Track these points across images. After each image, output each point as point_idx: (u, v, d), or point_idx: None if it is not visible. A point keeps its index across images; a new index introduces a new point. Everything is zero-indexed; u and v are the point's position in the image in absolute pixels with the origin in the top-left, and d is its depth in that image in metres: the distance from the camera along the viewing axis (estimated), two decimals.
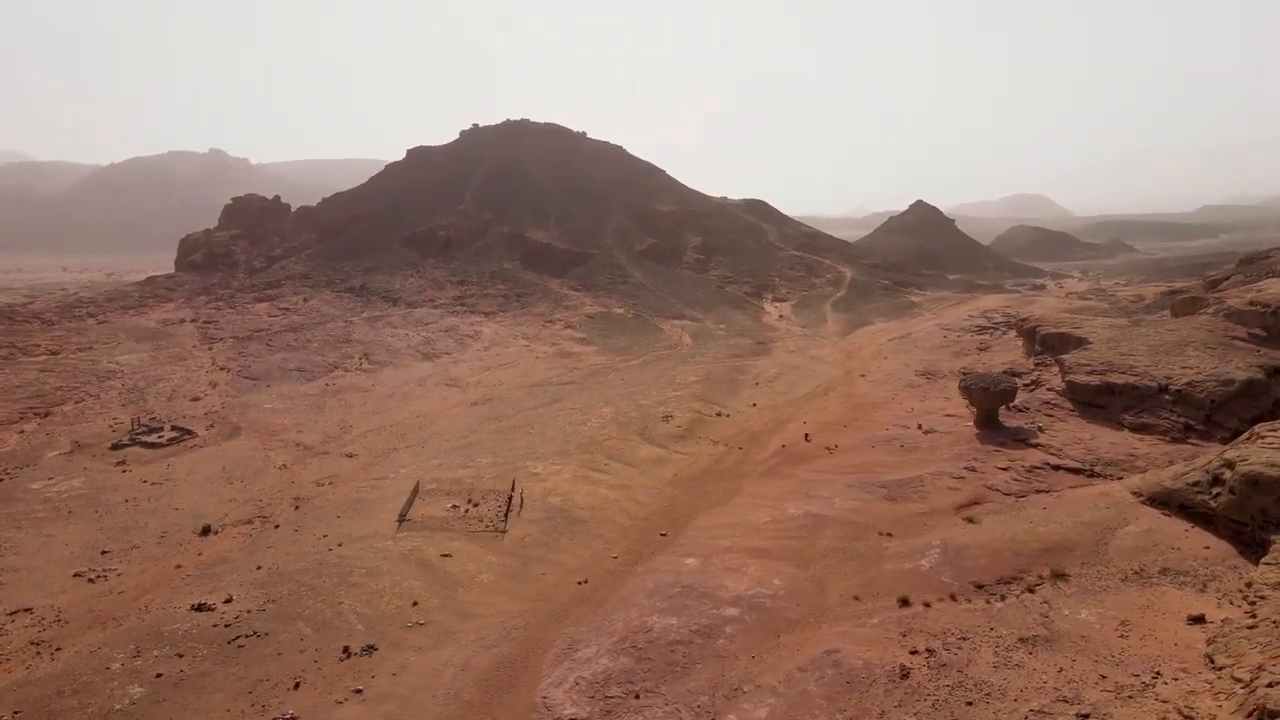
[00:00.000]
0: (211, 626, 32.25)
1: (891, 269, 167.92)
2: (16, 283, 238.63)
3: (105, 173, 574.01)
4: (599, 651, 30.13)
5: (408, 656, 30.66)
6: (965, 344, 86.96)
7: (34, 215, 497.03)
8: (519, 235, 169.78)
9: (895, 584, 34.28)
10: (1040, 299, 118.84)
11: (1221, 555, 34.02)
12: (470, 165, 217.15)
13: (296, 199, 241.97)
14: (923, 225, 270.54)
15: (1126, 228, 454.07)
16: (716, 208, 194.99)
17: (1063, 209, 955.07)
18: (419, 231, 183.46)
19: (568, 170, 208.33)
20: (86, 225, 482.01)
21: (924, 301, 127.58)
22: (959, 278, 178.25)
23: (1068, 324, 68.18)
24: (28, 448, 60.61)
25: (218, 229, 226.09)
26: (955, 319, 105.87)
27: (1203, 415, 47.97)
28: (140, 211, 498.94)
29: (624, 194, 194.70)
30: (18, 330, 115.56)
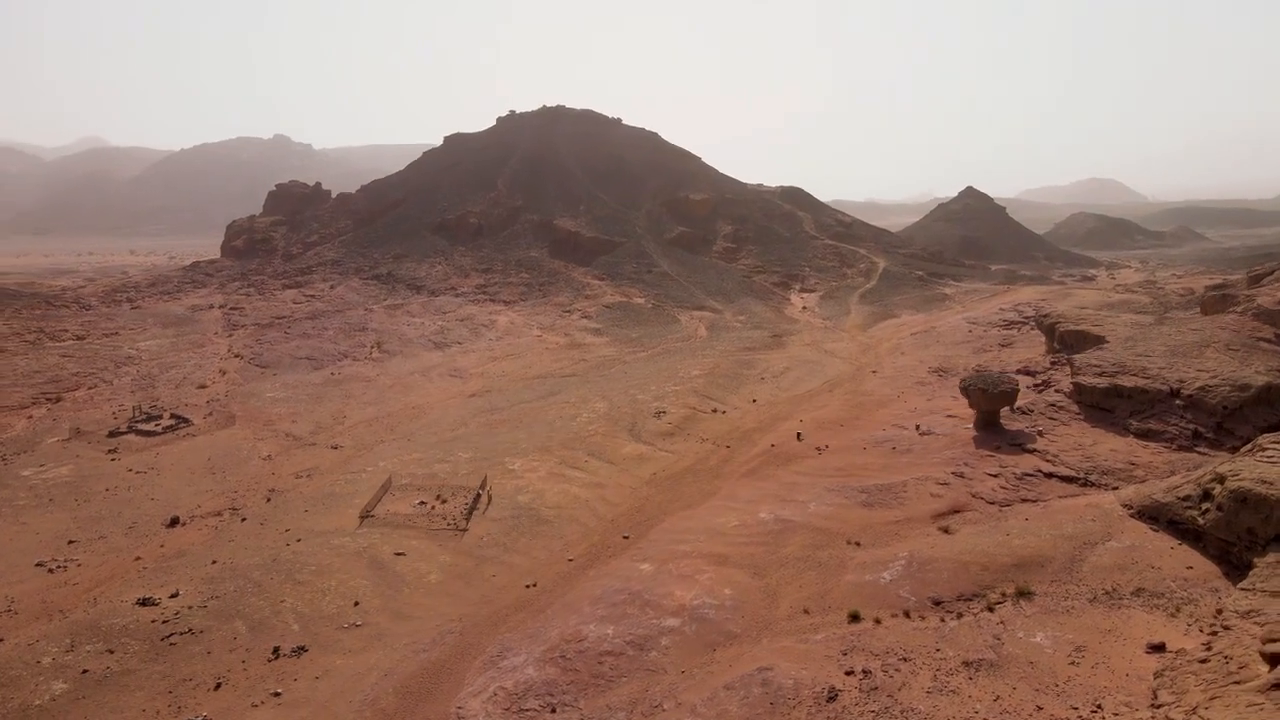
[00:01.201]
0: (150, 622, 32.58)
1: (930, 259, 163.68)
2: (84, 265, 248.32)
3: (175, 158, 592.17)
4: (527, 660, 29.60)
5: (335, 659, 30.55)
6: (988, 340, 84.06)
7: (108, 199, 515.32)
8: (548, 223, 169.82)
9: (850, 597, 33.03)
10: (1079, 292, 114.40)
11: (1204, 576, 32.02)
12: (505, 152, 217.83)
13: (355, 183, 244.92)
14: (971, 213, 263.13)
15: (1201, 214, 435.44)
16: (751, 195, 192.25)
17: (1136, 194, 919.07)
18: (450, 219, 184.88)
19: (601, 157, 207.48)
20: (156, 209, 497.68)
21: (957, 294, 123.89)
22: (1002, 268, 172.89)
23: (1088, 321, 65.29)
24: (31, 433, 62.49)
25: (261, 215, 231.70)
26: (985, 313, 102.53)
27: (1214, 422, 45.34)
28: (206, 196, 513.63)
29: (656, 181, 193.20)
30: (51, 315, 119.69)
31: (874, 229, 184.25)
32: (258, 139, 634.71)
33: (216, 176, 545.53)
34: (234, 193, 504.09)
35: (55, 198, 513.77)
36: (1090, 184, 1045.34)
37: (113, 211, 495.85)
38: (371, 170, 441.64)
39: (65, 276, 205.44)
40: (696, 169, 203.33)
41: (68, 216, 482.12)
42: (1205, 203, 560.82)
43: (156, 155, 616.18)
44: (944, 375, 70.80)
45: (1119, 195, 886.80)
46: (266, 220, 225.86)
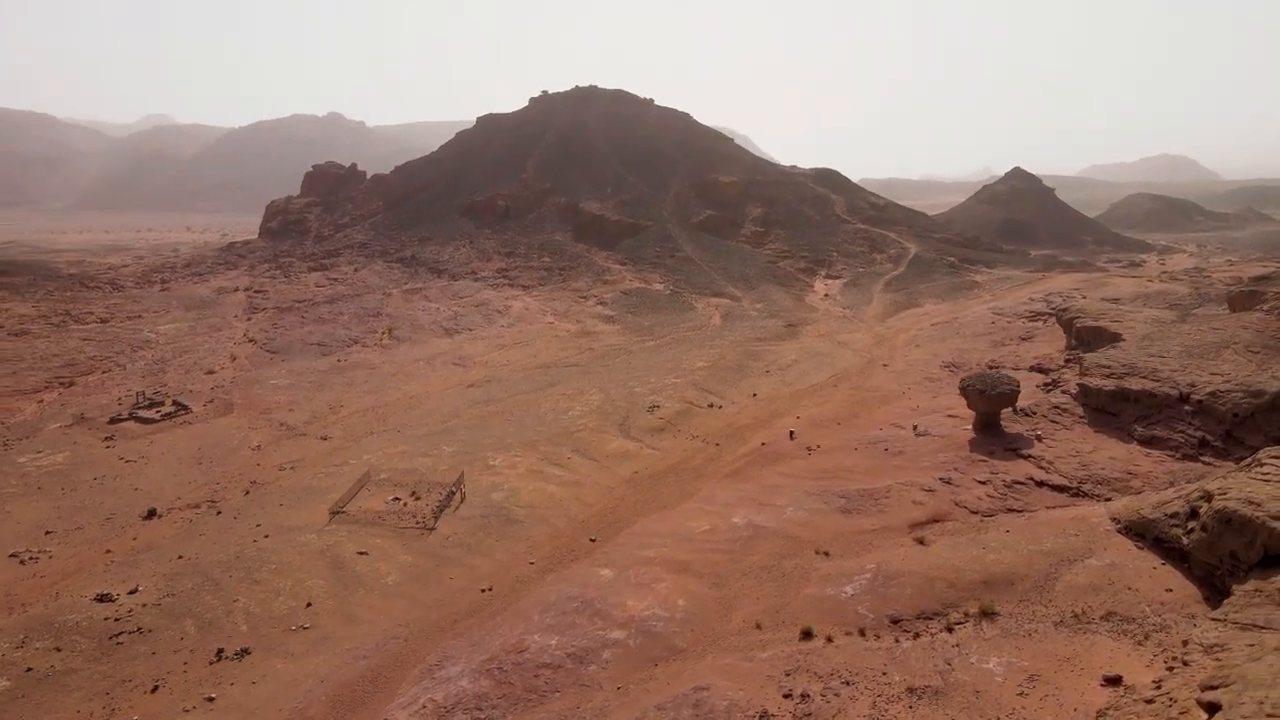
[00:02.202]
0: (102, 620, 33.06)
1: (965, 244, 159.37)
2: (139, 242, 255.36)
3: (233, 135, 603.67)
4: (463, 671, 29.32)
5: (276, 663, 30.64)
6: (1010, 332, 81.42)
7: (170, 176, 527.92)
8: (574, 206, 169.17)
9: (807, 612, 32.09)
10: (1115, 281, 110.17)
11: (1183, 600, 30.40)
12: (536, 133, 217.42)
13: (406, 160, 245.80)
14: (1017, 195, 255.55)
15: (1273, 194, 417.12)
16: (784, 178, 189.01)
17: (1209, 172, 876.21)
18: (478, 201, 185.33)
19: (631, 138, 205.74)
20: (214, 186, 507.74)
21: (987, 281, 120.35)
22: (1043, 254, 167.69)
23: (1108, 316, 62.71)
24: (38, 418, 64.15)
25: (297, 196, 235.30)
26: (1013, 302, 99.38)
27: (1223, 430, 43.10)
28: (262, 173, 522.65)
29: (687, 163, 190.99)
30: (81, 298, 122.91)
31: (909, 212, 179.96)
32: (312, 116, 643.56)
33: (272, 154, 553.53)
34: (288, 170, 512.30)
35: (121, 175, 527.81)
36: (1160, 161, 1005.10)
37: (174, 188, 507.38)
38: (422, 147, 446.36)
39: (117, 254, 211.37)
40: (728, 150, 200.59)
41: (132, 193, 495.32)
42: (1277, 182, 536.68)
43: (216, 133, 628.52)
44: (955, 370, 68.72)
45: (1190, 173, 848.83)
46: (302, 201, 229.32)
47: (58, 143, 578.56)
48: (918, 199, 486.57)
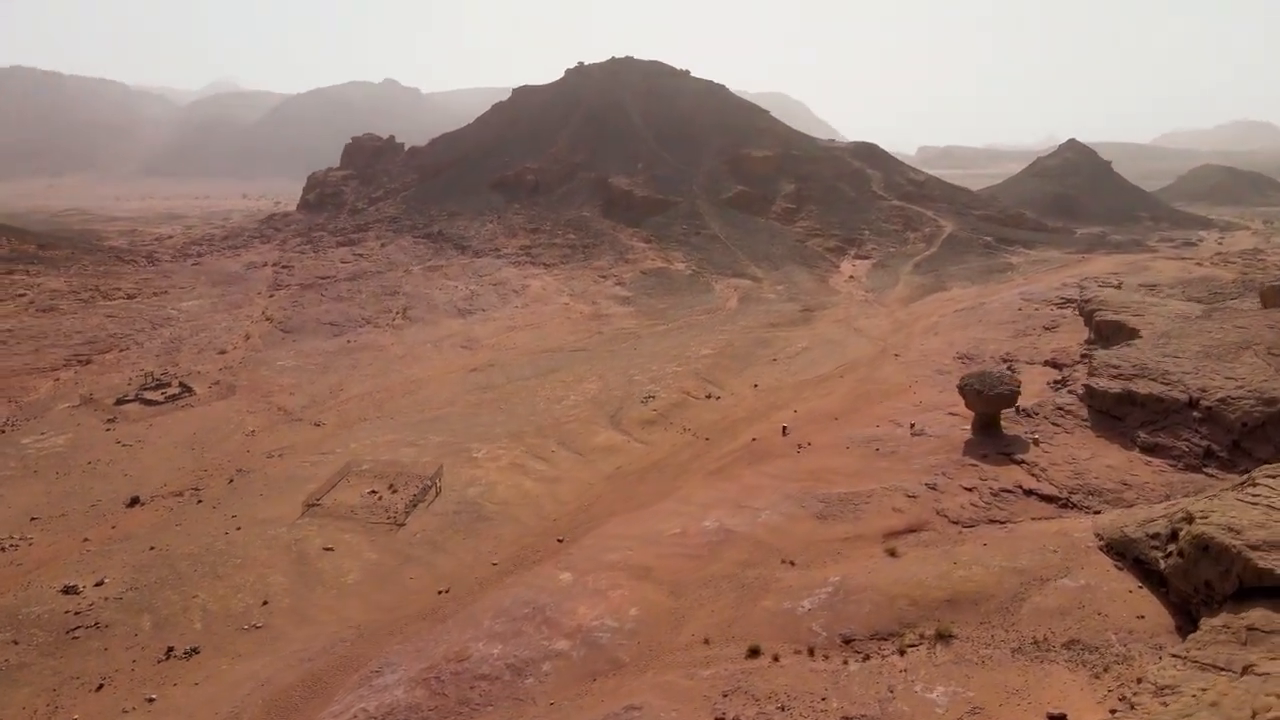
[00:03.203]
0: (64, 613, 33.87)
1: (1007, 222, 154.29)
2: (194, 210, 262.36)
3: (292, 101, 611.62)
4: (401, 679, 29.34)
5: (222, 664, 31.05)
6: (1035, 321, 78.62)
7: (231, 142, 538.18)
8: (603, 181, 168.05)
9: (760, 627, 31.38)
10: (1158, 264, 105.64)
11: (1153, 629, 28.91)
12: (570, 106, 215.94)
13: (458, 127, 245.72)
14: (1070, 168, 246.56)
15: None
16: (820, 152, 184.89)
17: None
18: (509, 175, 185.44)
19: (665, 111, 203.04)
20: (272, 152, 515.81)
21: (1023, 263, 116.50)
22: (1089, 232, 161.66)
23: (1129, 309, 60.05)
24: (51, 397, 66.02)
25: (335, 169, 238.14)
26: (1045, 287, 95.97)
27: (1230, 440, 40.90)
28: (318, 139, 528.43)
29: (721, 137, 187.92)
30: (113, 272, 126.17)
31: (951, 188, 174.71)
32: (368, 83, 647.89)
33: (328, 121, 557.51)
34: (343, 137, 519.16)
35: (185, 140, 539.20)
36: (1236, 128, 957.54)
37: (235, 154, 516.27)
38: (474, 114, 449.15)
39: (169, 223, 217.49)
40: (764, 124, 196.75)
41: (196, 159, 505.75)
42: None
43: (277, 99, 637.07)
44: (968, 362, 66.62)
45: (1270, 139, 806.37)
46: (339, 174, 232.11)
47: (127, 110, 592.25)
48: (978, 168, 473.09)
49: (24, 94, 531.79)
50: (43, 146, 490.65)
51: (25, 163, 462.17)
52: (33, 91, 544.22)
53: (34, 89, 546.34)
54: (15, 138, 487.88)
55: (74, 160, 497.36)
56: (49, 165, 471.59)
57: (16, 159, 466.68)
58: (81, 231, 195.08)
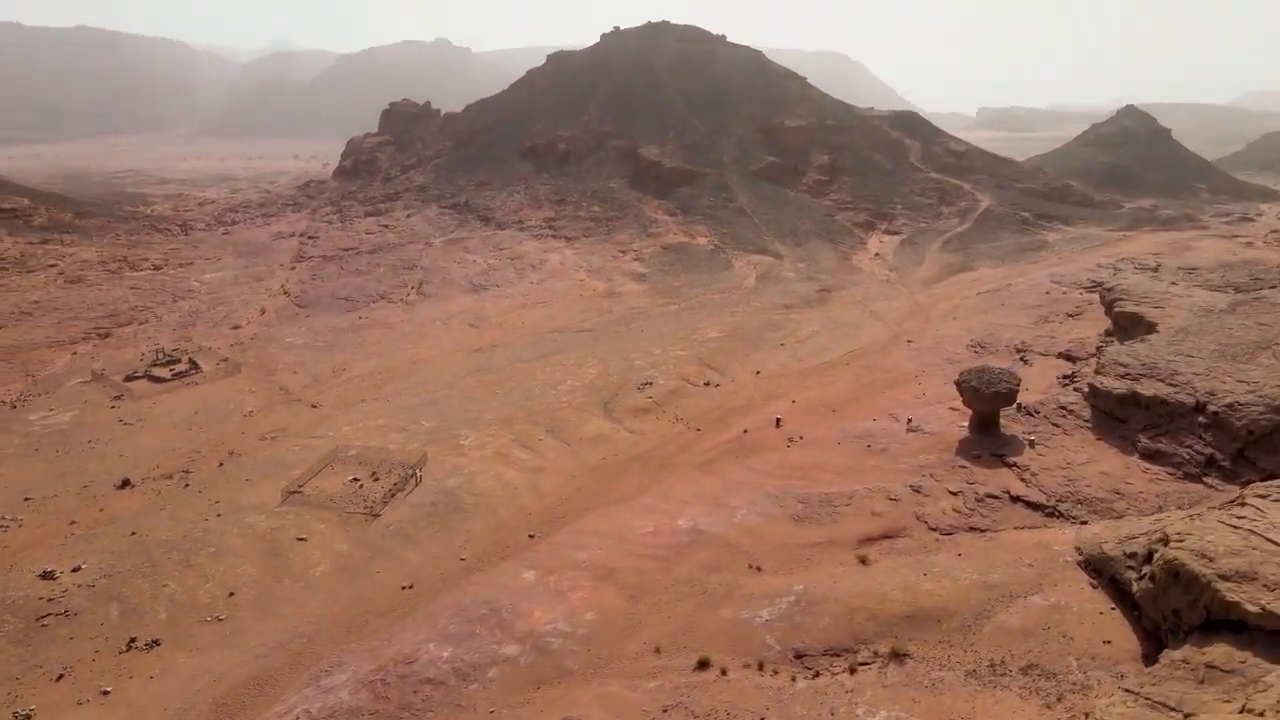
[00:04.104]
0: (37, 599, 34.80)
1: (1050, 195, 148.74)
2: (245, 171, 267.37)
3: (345, 62, 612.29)
4: (348, 680, 29.62)
5: (180, 657, 31.67)
6: (1060, 306, 75.94)
7: (286, 102, 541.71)
8: (632, 151, 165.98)
9: (714, 637, 30.98)
10: (1202, 245, 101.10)
11: (1118, 656, 27.87)
12: (603, 72, 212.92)
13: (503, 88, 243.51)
14: (1126, 136, 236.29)
15: None
16: (856, 122, 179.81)
17: None
18: (539, 143, 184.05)
19: (699, 78, 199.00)
20: (326, 113, 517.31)
21: (1059, 241, 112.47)
22: (1140, 206, 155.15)
23: (1151, 300, 57.52)
24: (65, 372, 67.85)
25: (372, 135, 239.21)
26: (1077, 268, 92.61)
27: (1234, 449, 39.01)
28: (370, 100, 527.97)
29: (754, 106, 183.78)
30: (143, 243, 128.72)
31: (993, 159, 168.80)
32: (421, 43, 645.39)
33: (381, 81, 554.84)
34: (394, 98, 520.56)
35: (242, 101, 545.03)
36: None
37: (290, 115, 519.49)
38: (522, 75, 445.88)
39: (217, 186, 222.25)
40: (800, 92, 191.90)
41: (253, 119, 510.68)
42: None
43: (330, 59, 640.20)
44: (981, 351, 64.71)
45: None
46: (375, 140, 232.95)
47: (187, 70, 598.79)
48: (1040, 130, 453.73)
49: (87, 54, 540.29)
50: (105, 106, 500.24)
51: (88, 123, 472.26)
52: (95, 51, 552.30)
53: (97, 49, 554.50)
54: (78, 98, 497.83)
55: (135, 120, 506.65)
56: (111, 125, 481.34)
57: (80, 119, 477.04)
58: (131, 195, 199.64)
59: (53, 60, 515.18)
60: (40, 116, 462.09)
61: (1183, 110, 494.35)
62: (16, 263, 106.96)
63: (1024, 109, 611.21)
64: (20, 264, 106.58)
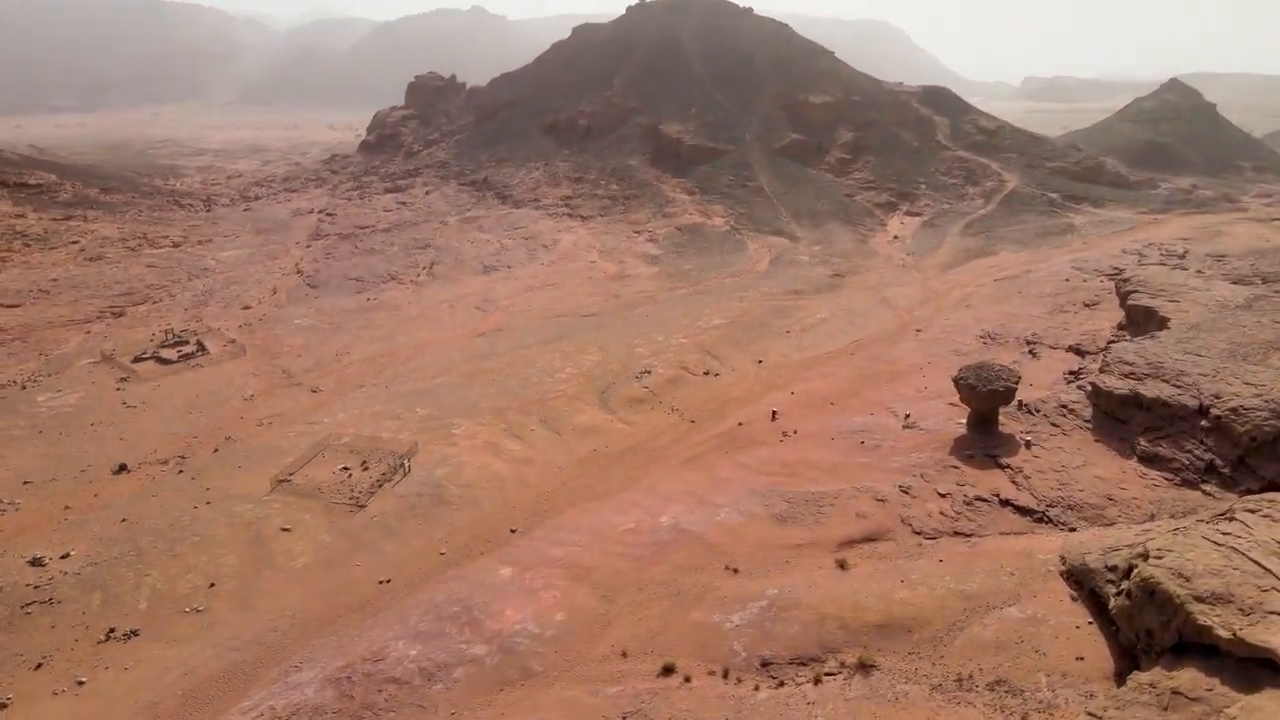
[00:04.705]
0: (24, 586, 35.57)
1: (1081, 175, 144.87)
2: (280, 142, 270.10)
3: (383, 29, 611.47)
4: (315, 677, 29.95)
5: (156, 649, 32.23)
6: (1079, 295, 74.11)
7: (325, 70, 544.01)
8: (654, 127, 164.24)
9: (682, 642, 30.84)
10: (1235, 230, 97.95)
11: (1089, 674, 27.29)
12: (628, 45, 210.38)
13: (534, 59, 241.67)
14: (1169, 112, 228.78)
15: None
16: (885, 98, 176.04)
17: None
18: (561, 119, 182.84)
19: (725, 52, 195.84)
20: (363, 81, 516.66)
21: (1085, 225, 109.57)
22: (1176, 186, 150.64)
23: (1167, 293, 55.85)
24: (77, 352, 69.01)
25: (399, 108, 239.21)
26: (1101, 254, 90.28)
27: (1235, 455, 37.84)
28: (405, 69, 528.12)
29: (779, 81, 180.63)
30: (164, 220, 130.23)
31: (1024, 137, 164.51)
32: (456, 10, 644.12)
33: (416, 49, 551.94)
34: (427, 67, 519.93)
35: (282, 68, 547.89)
36: None
37: (328, 83, 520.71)
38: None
39: (249, 158, 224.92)
40: (826, 66, 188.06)
41: (291, 87, 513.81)
42: None
43: (370, 26, 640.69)
44: (990, 342, 63.43)
45: None
46: (400, 114, 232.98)
47: (226, 37, 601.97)
48: (1086, 101, 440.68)
49: (128, 21, 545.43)
50: (147, 75, 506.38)
51: (131, 91, 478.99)
52: (137, 18, 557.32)
53: (138, 16, 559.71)
54: (121, 66, 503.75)
55: (176, 88, 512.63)
56: (152, 93, 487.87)
57: (123, 88, 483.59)
58: (164, 167, 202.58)
59: (95, 29, 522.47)
60: (84, 85, 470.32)
61: (1241, 81, 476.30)
62: (40, 239, 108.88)
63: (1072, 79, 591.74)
64: (43, 241, 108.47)
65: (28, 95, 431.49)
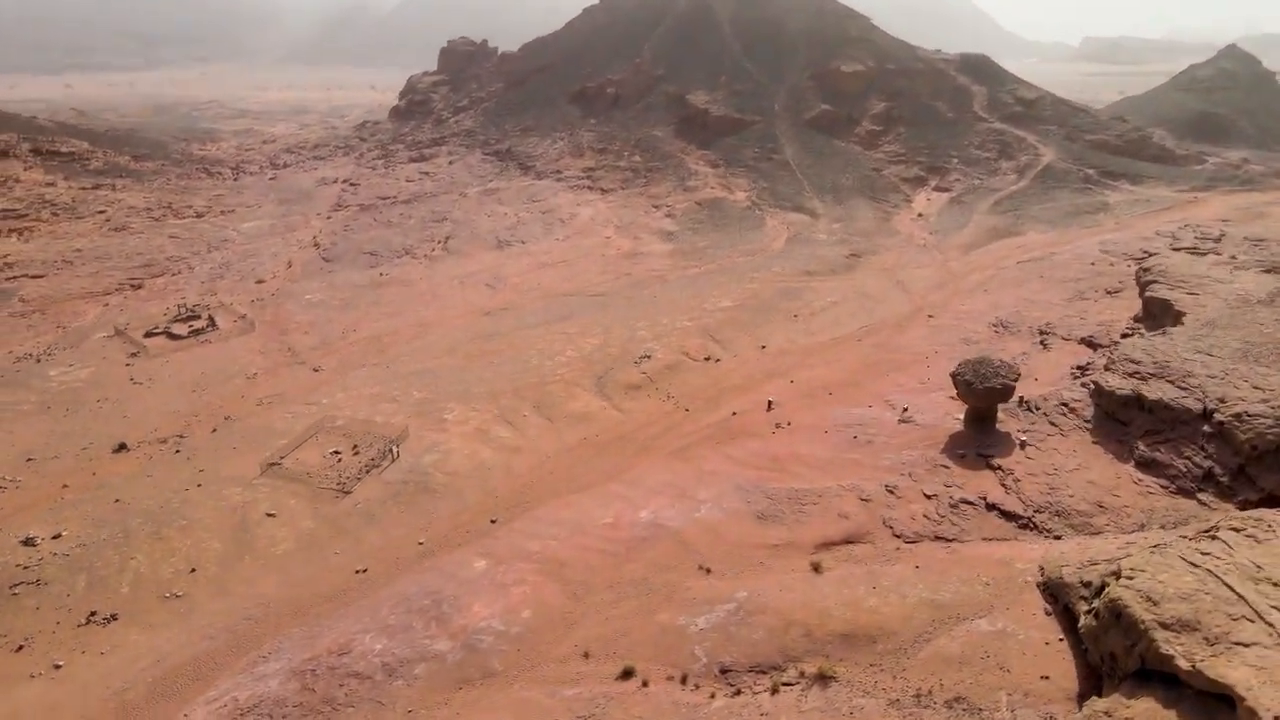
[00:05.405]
0: (14, 566, 36.64)
1: (1122, 149, 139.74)
2: (321, 103, 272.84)
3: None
4: (281, 669, 30.48)
5: (133, 634, 33.05)
6: (1102, 281, 71.82)
7: (370, 30, 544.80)
8: (681, 97, 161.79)
9: (646, 644, 30.80)
10: (1278, 209, 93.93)
11: (1053, 695, 26.69)
12: (660, 10, 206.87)
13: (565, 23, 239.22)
14: (1224, 80, 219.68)
15: None
16: (920, 66, 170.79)
17: None
18: (589, 87, 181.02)
19: (756, 19, 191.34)
20: (408, 41, 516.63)
21: (1121, 203, 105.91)
22: (1225, 161, 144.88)
23: (1187, 284, 53.86)
24: (94, 324, 70.52)
25: (431, 73, 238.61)
26: (1133, 235, 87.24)
27: (1236, 464, 36.49)
28: (446, 30, 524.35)
29: (811, 49, 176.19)
30: (191, 188, 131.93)
31: (1066, 108, 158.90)
32: None
33: (461, 9, 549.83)
34: (471, 28, 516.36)
35: (329, 28, 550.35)
36: None
37: (370, 44, 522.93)
38: (605, 6, 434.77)
39: (287, 121, 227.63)
40: (860, 33, 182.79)
41: (334, 48, 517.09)
42: None
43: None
44: (1001, 331, 61.86)
45: None
46: (431, 80, 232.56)
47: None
48: (1149, 64, 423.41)
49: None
50: (196, 34, 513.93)
51: (182, 49, 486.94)
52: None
53: None
54: (171, 25, 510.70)
55: (225, 47, 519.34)
56: (201, 52, 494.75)
57: (174, 45, 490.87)
58: (202, 131, 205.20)
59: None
60: (136, 44, 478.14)
61: None
62: (68, 209, 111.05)
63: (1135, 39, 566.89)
64: (71, 210, 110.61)
65: (80, 54, 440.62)
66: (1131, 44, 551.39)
